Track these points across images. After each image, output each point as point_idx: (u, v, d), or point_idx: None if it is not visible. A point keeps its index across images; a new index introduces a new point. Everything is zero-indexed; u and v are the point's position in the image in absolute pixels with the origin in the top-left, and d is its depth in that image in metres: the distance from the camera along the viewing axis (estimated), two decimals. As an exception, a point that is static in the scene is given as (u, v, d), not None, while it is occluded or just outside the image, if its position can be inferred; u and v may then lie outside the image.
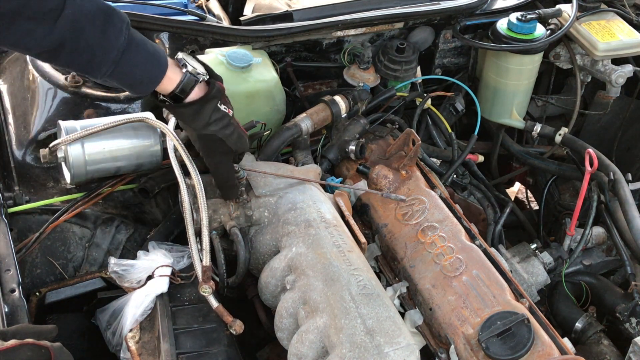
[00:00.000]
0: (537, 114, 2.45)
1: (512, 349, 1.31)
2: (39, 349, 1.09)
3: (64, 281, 1.64)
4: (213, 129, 1.43)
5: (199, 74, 1.41)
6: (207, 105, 1.41)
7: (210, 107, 1.42)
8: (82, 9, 1.23)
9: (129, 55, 1.31)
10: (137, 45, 1.33)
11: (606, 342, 1.79)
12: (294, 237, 1.49)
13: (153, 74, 1.37)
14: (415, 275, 1.54)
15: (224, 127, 1.44)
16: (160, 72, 1.37)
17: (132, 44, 1.31)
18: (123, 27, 1.29)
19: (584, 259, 2.07)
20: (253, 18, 2.02)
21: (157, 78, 1.37)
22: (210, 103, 1.42)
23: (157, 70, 1.37)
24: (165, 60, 1.38)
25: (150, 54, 1.35)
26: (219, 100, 1.43)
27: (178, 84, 1.39)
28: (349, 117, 1.93)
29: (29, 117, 1.82)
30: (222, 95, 1.45)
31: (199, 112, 1.42)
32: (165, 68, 1.37)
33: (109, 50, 1.28)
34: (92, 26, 1.25)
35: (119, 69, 1.31)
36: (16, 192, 1.72)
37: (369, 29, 2.09)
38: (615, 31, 2.17)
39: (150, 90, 1.40)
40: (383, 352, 1.25)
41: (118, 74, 1.32)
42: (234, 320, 1.46)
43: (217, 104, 1.43)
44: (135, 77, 1.36)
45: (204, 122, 1.42)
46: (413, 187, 1.75)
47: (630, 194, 1.90)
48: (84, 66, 1.30)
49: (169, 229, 1.74)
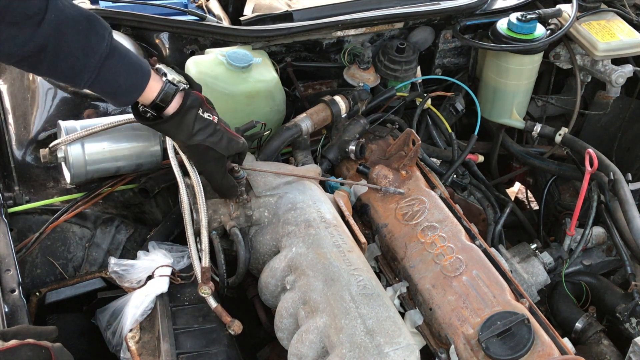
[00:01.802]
0: (537, 114, 2.45)
1: (512, 349, 1.31)
2: (40, 349, 1.09)
3: (64, 281, 1.64)
4: (199, 139, 1.41)
5: (179, 82, 1.39)
6: (187, 116, 1.39)
7: (191, 117, 1.39)
8: (65, 14, 1.22)
9: (111, 62, 1.29)
10: (120, 53, 1.31)
11: (606, 342, 1.79)
12: (294, 237, 1.49)
13: (136, 82, 1.35)
14: (415, 275, 1.54)
15: (210, 135, 1.42)
16: (144, 80, 1.35)
17: (115, 51, 1.30)
18: (105, 34, 1.28)
19: (584, 259, 2.07)
20: (253, 18, 2.02)
21: (140, 86, 1.35)
22: (190, 113, 1.39)
23: (140, 78, 1.35)
24: (147, 68, 1.36)
25: (132, 62, 1.34)
26: (199, 109, 1.41)
27: (159, 93, 1.36)
28: (349, 117, 1.93)
29: (29, 117, 1.82)
30: (203, 104, 1.42)
31: (180, 123, 1.39)
32: (148, 76, 1.35)
33: (91, 56, 1.26)
34: (75, 31, 1.23)
35: (101, 76, 1.29)
36: (16, 192, 1.72)
37: (369, 29, 2.10)
38: (615, 31, 2.17)
39: (133, 99, 1.37)
40: (383, 352, 1.25)
41: (101, 82, 1.31)
42: (232, 321, 1.46)
43: (197, 112, 1.40)
44: (118, 85, 1.33)
45: (188, 133, 1.40)
46: (413, 187, 1.75)
47: (630, 194, 1.90)
48: (66, 73, 1.28)
49: (169, 229, 1.74)
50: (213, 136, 1.43)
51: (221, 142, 1.45)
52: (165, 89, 1.37)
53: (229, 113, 1.66)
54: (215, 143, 1.44)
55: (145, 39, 1.95)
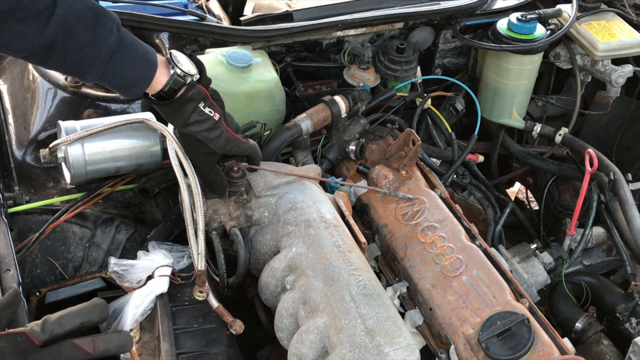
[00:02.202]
0: (537, 114, 2.45)
1: (512, 349, 1.31)
2: (15, 337, 1.03)
3: (64, 281, 1.64)
4: (192, 130, 1.42)
5: (186, 76, 1.39)
6: (185, 106, 1.40)
7: (189, 109, 1.40)
8: (73, 9, 1.22)
9: (120, 55, 1.30)
10: (128, 45, 1.32)
11: (606, 342, 1.79)
12: (294, 237, 1.49)
13: (144, 74, 1.36)
14: (415, 275, 1.54)
15: (206, 130, 1.43)
16: (151, 72, 1.36)
17: (123, 44, 1.30)
18: (113, 27, 1.29)
19: (584, 259, 2.07)
20: (253, 18, 2.02)
21: (148, 78, 1.36)
22: (189, 104, 1.40)
23: (148, 71, 1.36)
24: (155, 60, 1.37)
25: (140, 54, 1.35)
26: (199, 103, 1.41)
27: (165, 85, 1.37)
28: (349, 117, 1.93)
29: (29, 117, 1.82)
30: (206, 99, 1.42)
31: (176, 112, 1.41)
32: (155, 68, 1.36)
33: (99, 49, 1.27)
34: (83, 26, 1.24)
35: (110, 70, 1.30)
36: (16, 192, 1.71)
37: (369, 29, 2.10)
38: (615, 31, 2.17)
39: (141, 92, 1.38)
40: (383, 352, 1.25)
41: (109, 75, 1.31)
42: (234, 320, 1.46)
43: (196, 106, 1.41)
44: (126, 78, 1.34)
45: (182, 121, 1.42)
46: (413, 187, 1.75)
47: (630, 194, 1.90)
48: (75, 67, 1.29)
49: (169, 229, 1.74)
50: (210, 132, 1.44)
51: (217, 140, 1.45)
52: (171, 82, 1.37)
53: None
54: (209, 139, 1.44)
55: (145, 39, 1.94)
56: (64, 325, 1.08)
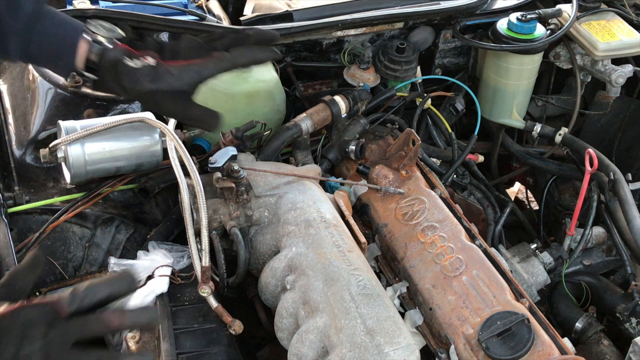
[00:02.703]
0: (537, 114, 2.45)
1: (512, 349, 1.31)
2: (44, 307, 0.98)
3: (64, 281, 1.64)
4: (138, 89, 1.26)
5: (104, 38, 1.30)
6: (111, 72, 1.27)
7: (113, 72, 1.27)
8: None
9: (42, 23, 1.23)
10: (48, 12, 1.25)
11: (606, 342, 1.79)
12: (294, 237, 1.49)
13: (69, 38, 1.26)
14: (415, 275, 1.54)
15: (150, 80, 1.25)
16: (77, 35, 1.26)
17: (42, 11, 1.24)
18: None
19: (584, 259, 2.07)
20: (253, 18, 2.02)
21: (74, 41, 1.26)
22: (112, 69, 1.27)
23: (73, 34, 1.27)
24: (79, 23, 1.29)
25: (63, 19, 1.28)
26: (122, 60, 1.27)
27: (88, 53, 1.28)
28: (349, 117, 1.93)
29: (29, 117, 1.82)
30: (130, 53, 1.28)
31: (105, 82, 1.29)
32: (81, 31, 1.27)
33: (17, 17, 1.20)
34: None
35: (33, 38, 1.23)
36: (16, 192, 1.71)
37: (369, 29, 2.09)
38: (615, 31, 2.17)
39: (71, 60, 1.28)
40: (383, 352, 1.25)
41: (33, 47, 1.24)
42: (233, 321, 1.46)
43: (121, 66, 1.26)
44: (53, 45, 1.26)
45: (119, 88, 1.28)
46: (413, 187, 1.75)
47: (630, 194, 1.90)
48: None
49: (169, 229, 1.74)
50: (154, 80, 1.26)
51: (166, 79, 1.26)
52: (94, 50, 1.28)
53: (229, 113, 1.65)
54: (160, 84, 1.27)
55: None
56: (91, 298, 1.01)
